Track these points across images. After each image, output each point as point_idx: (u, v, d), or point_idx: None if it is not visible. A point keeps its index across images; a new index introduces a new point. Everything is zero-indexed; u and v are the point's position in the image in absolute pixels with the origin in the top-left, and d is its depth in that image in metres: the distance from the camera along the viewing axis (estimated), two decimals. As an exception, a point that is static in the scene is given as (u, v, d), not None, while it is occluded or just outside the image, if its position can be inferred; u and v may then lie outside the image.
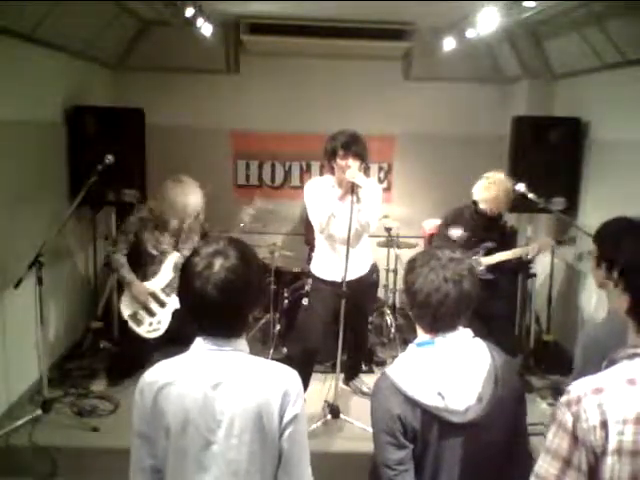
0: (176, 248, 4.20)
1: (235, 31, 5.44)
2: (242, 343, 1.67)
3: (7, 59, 3.71)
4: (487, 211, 4.14)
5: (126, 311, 4.12)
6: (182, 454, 1.58)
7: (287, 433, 1.60)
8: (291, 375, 1.66)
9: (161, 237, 4.18)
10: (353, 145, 3.70)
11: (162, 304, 4.17)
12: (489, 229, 4.23)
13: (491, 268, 4.17)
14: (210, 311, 1.59)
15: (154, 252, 4.16)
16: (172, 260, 4.17)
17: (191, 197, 4.05)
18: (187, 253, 4.06)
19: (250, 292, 1.63)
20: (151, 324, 4.14)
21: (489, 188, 4.12)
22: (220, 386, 1.59)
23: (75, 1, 3.92)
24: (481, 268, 4.10)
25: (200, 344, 1.64)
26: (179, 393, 1.58)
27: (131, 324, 4.12)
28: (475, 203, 4.20)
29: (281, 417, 1.59)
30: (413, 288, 1.81)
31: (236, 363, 1.62)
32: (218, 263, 1.57)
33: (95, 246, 5.03)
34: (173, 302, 4.14)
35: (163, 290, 4.17)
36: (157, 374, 1.63)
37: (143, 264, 4.22)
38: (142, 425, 1.61)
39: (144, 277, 4.19)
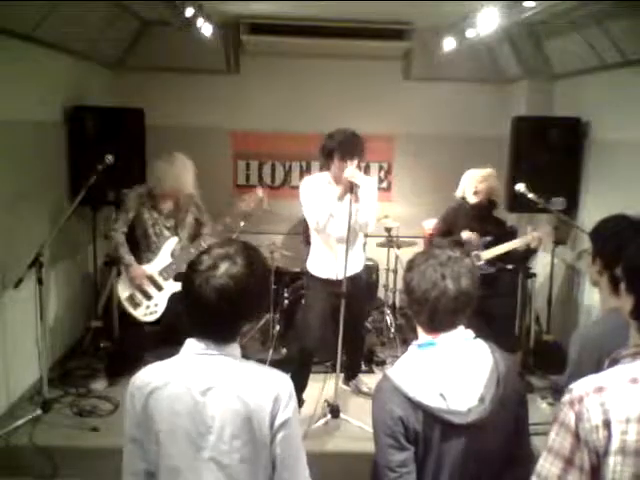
0: (175, 232, 4.20)
1: (235, 31, 5.43)
2: (234, 347, 1.65)
3: (7, 59, 3.71)
4: (478, 202, 4.28)
5: (123, 293, 4.13)
6: (173, 459, 1.57)
7: (279, 437, 1.58)
8: (282, 379, 1.64)
9: (158, 218, 4.17)
10: (351, 147, 3.71)
11: (159, 287, 4.16)
12: (486, 222, 4.27)
13: (492, 262, 4.18)
14: (204, 313, 1.58)
15: (152, 234, 4.16)
16: (171, 245, 4.17)
17: (181, 170, 4.07)
18: (185, 235, 4.15)
19: (248, 302, 1.61)
20: (148, 307, 4.14)
21: (479, 181, 4.29)
22: (210, 391, 1.57)
23: (75, 1, 3.92)
24: (481, 262, 4.12)
25: (191, 347, 1.62)
26: (169, 398, 1.57)
27: (128, 307, 4.12)
28: (464, 199, 4.37)
29: (272, 422, 1.57)
30: (411, 285, 1.81)
31: (226, 368, 1.60)
32: (223, 267, 1.56)
33: (95, 246, 5.03)
34: (170, 286, 4.15)
35: (160, 273, 4.17)
36: (147, 378, 1.62)
37: (141, 247, 4.22)
38: (133, 429, 1.61)
39: (141, 260, 4.18)
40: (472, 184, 4.31)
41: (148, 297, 4.15)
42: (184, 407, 1.56)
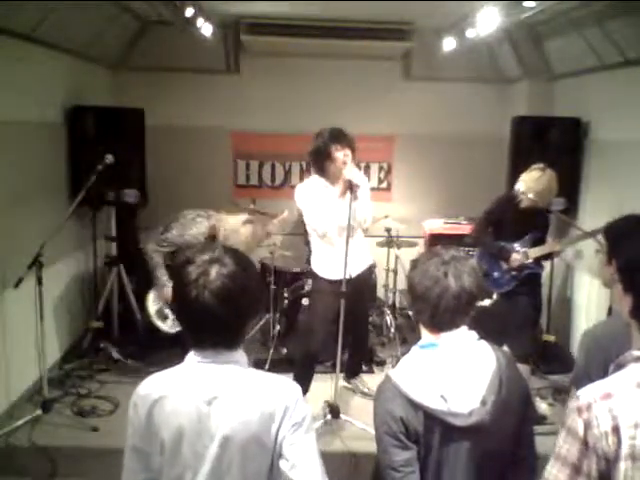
0: None
1: (235, 31, 5.44)
2: (239, 354, 1.61)
3: (7, 59, 3.71)
4: (532, 203, 3.88)
5: (152, 308, 4.24)
6: (176, 468, 1.55)
7: (289, 447, 1.52)
8: (290, 388, 1.60)
9: None
10: (343, 136, 3.75)
11: None
12: (536, 217, 4.00)
13: (538, 261, 3.96)
14: (207, 321, 1.53)
15: None
16: None
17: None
18: None
19: (248, 299, 1.57)
20: (175, 320, 4.17)
21: (540, 179, 3.87)
22: (215, 401, 1.54)
23: (75, 1, 3.92)
24: (529, 261, 3.96)
25: (195, 356, 1.59)
26: (173, 408, 1.55)
27: (156, 320, 4.24)
28: (514, 193, 3.98)
29: (280, 432, 1.53)
30: (414, 283, 1.81)
31: (232, 377, 1.57)
32: (214, 270, 1.52)
33: (95, 246, 5.03)
34: None
35: None
36: (151, 387, 1.60)
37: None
38: (136, 439, 1.58)
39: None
40: (533, 182, 3.89)
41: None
42: (189, 417, 1.53)
